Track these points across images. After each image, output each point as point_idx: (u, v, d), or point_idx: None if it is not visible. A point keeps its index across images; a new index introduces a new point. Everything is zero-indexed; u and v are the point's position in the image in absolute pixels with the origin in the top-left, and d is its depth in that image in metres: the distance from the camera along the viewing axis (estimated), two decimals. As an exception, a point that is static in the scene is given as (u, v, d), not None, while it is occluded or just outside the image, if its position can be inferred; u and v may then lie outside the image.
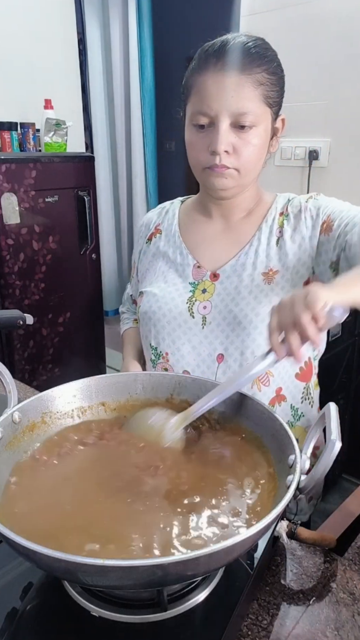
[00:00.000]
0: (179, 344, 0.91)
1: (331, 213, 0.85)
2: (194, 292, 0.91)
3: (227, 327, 0.87)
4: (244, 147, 0.80)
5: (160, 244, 0.99)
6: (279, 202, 0.92)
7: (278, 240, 0.88)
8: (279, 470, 0.57)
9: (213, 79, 0.78)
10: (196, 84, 0.80)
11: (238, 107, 0.77)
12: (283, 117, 0.88)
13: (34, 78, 2.34)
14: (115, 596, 0.52)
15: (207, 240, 0.94)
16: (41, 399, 0.67)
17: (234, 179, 0.83)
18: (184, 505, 0.53)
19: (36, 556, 0.41)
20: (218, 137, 0.78)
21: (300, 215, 0.87)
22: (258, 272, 0.87)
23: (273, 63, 0.81)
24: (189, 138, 0.84)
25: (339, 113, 1.86)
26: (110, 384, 0.73)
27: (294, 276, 0.86)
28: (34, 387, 1.12)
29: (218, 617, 0.51)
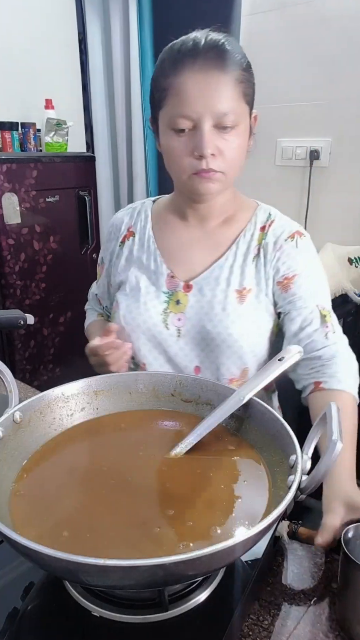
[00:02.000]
0: (155, 354, 0.90)
1: (297, 276, 0.85)
2: (169, 303, 0.89)
3: (202, 342, 0.87)
4: (228, 149, 0.77)
5: (134, 248, 0.95)
6: (259, 215, 0.90)
7: (254, 258, 0.87)
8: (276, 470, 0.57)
9: (193, 79, 0.74)
10: (172, 85, 0.76)
11: (221, 108, 0.74)
12: (255, 114, 0.86)
13: (34, 78, 2.34)
14: (116, 596, 0.51)
15: (183, 246, 0.91)
16: (42, 398, 0.67)
17: (221, 182, 0.81)
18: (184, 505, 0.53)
19: (37, 556, 0.41)
20: (203, 139, 0.75)
21: (274, 250, 0.86)
22: (232, 289, 0.86)
23: (245, 58, 0.79)
24: (169, 144, 0.80)
25: (340, 113, 1.86)
26: (111, 384, 0.73)
27: (267, 299, 0.87)
28: (35, 387, 1.12)
29: (219, 617, 0.51)
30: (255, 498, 0.54)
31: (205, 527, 0.50)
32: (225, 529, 0.50)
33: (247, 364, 0.87)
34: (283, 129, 2.02)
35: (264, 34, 1.97)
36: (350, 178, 1.87)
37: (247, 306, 0.85)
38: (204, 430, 0.63)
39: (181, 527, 0.50)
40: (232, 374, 0.87)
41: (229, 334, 0.84)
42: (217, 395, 0.69)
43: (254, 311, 0.86)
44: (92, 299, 1.14)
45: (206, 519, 0.51)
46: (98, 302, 1.11)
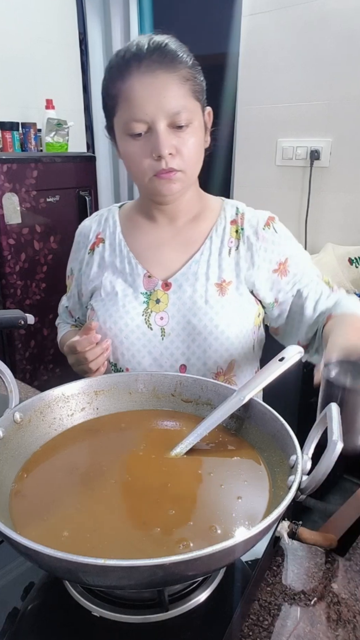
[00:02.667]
0: (139, 357, 0.89)
1: (289, 257, 0.88)
2: (148, 303, 0.88)
3: (188, 338, 0.87)
4: (185, 147, 0.78)
5: (105, 254, 0.94)
6: (227, 210, 0.91)
7: (230, 251, 0.88)
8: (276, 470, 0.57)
9: (140, 82, 0.75)
10: (121, 91, 0.77)
11: (172, 107, 0.75)
12: (209, 111, 0.86)
13: (35, 78, 2.35)
14: (116, 596, 0.52)
15: (155, 246, 0.91)
16: (42, 398, 0.67)
17: (181, 181, 0.81)
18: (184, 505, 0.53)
19: (37, 556, 0.41)
20: (160, 140, 0.75)
21: (256, 242, 0.88)
22: (211, 283, 0.87)
23: (191, 57, 0.79)
24: (126, 149, 0.80)
25: (340, 113, 1.86)
26: (111, 384, 0.73)
27: (247, 290, 0.89)
28: (35, 387, 1.12)
29: (219, 618, 0.51)
30: (255, 498, 0.54)
31: (205, 527, 0.50)
32: (225, 529, 0.50)
33: (234, 355, 0.87)
34: (283, 129, 2.03)
35: (264, 34, 1.97)
36: (351, 178, 1.87)
37: (228, 297, 0.87)
38: (204, 430, 0.63)
39: (181, 527, 0.50)
40: (219, 368, 0.87)
41: (215, 325, 0.85)
42: (217, 395, 0.69)
43: (235, 302, 0.87)
44: (63, 312, 1.11)
45: (206, 519, 0.51)
46: (69, 315, 1.09)
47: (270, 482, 0.56)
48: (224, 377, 0.89)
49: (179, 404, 0.72)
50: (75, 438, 0.67)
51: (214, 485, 0.56)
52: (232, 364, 0.88)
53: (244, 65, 2.07)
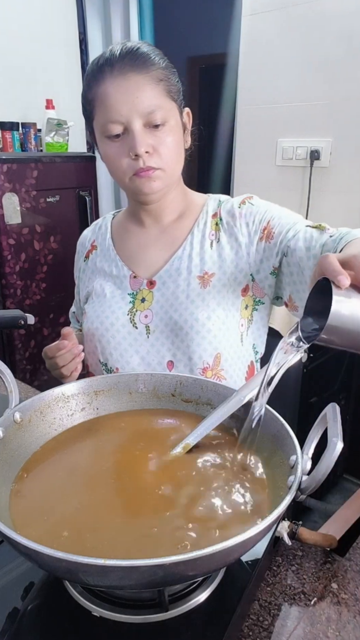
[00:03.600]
0: (127, 356, 0.90)
1: (270, 219, 0.85)
2: (134, 303, 0.90)
3: (171, 334, 0.87)
4: (162, 145, 0.79)
5: (96, 260, 0.98)
6: (210, 204, 0.92)
7: (212, 243, 0.88)
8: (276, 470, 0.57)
9: (113, 85, 0.77)
10: (97, 95, 0.79)
11: (146, 106, 0.77)
12: (188, 111, 0.87)
13: (35, 78, 2.35)
14: (116, 596, 0.52)
15: (141, 248, 0.93)
16: (42, 398, 0.67)
17: (161, 179, 0.82)
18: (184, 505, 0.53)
19: (37, 556, 0.41)
20: (135, 139, 0.77)
21: (234, 222, 0.87)
22: (193, 276, 0.87)
23: (164, 60, 0.81)
24: (106, 151, 0.82)
25: (340, 113, 1.86)
26: (111, 384, 0.73)
27: (232, 282, 0.87)
28: (35, 387, 1.12)
29: (219, 618, 0.51)
30: (255, 498, 0.54)
31: (205, 528, 0.50)
32: (225, 529, 0.50)
33: (218, 349, 0.87)
34: (283, 129, 2.03)
35: (264, 34, 1.97)
36: (351, 178, 1.87)
37: (210, 289, 0.86)
38: (204, 430, 0.63)
39: (181, 527, 0.50)
40: (205, 363, 0.87)
41: (196, 319, 0.85)
42: (217, 396, 0.70)
43: (218, 294, 0.86)
44: (71, 317, 1.17)
45: (206, 519, 0.51)
46: (76, 321, 1.14)
47: (271, 482, 0.56)
48: (212, 371, 0.88)
49: (179, 404, 0.72)
50: (75, 438, 0.67)
51: (214, 485, 0.56)
52: (219, 358, 0.88)
53: (244, 65, 2.07)
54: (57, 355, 0.86)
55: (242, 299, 0.89)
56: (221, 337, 0.86)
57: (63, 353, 0.86)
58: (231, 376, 0.89)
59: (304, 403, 1.72)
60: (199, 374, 0.86)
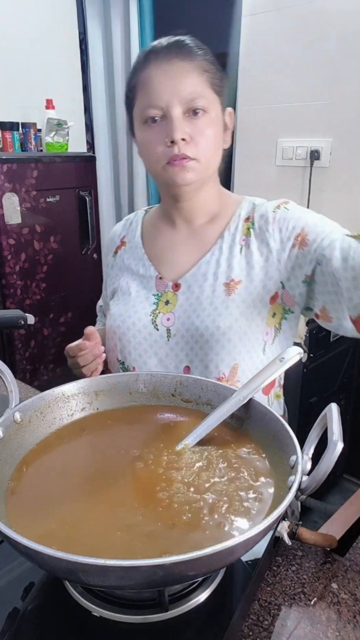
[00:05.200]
0: (145, 357, 0.89)
1: (305, 225, 0.81)
2: (158, 304, 0.89)
3: (191, 339, 0.86)
4: (200, 135, 0.78)
5: (124, 256, 0.97)
6: (244, 207, 0.89)
7: (242, 249, 0.86)
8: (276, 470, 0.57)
9: (157, 69, 0.77)
10: (139, 80, 0.79)
11: (188, 93, 0.76)
12: (231, 111, 0.86)
13: (35, 78, 2.35)
14: (116, 596, 0.52)
15: (169, 248, 0.92)
16: (42, 398, 0.67)
17: (196, 171, 0.80)
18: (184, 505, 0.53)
19: (37, 556, 0.41)
20: (173, 125, 0.76)
21: (267, 227, 0.84)
22: (219, 283, 0.85)
23: (211, 55, 0.81)
24: (142, 136, 0.81)
25: (340, 113, 1.85)
26: (111, 384, 0.73)
27: (260, 289, 0.84)
28: (35, 387, 1.12)
29: (219, 618, 0.51)
30: (255, 498, 0.54)
31: (205, 527, 0.50)
32: (225, 529, 0.50)
33: (236, 359, 0.85)
34: (283, 129, 2.03)
35: (264, 34, 1.97)
36: (351, 178, 1.87)
37: (235, 297, 0.84)
38: (204, 430, 0.63)
39: (181, 526, 0.50)
40: (221, 373, 0.86)
41: (217, 327, 0.83)
42: (218, 396, 0.69)
43: (242, 303, 0.84)
44: (99, 311, 1.16)
45: (206, 518, 0.51)
46: (103, 315, 1.13)
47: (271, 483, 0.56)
48: (227, 382, 0.86)
49: (179, 404, 0.72)
50: (74, 435, 0.67)
51: (214, 485, 0.56)
52: (235, 369, 0.86)
53: (244, 65, 2.07)
54: (78, 355, 0.84)
55: (270, 306, 0.85)
56: (241, 347, 0.84)
57: (84, 353, 0.84)
58: None
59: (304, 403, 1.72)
60: None
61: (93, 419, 0.70)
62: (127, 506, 0.53)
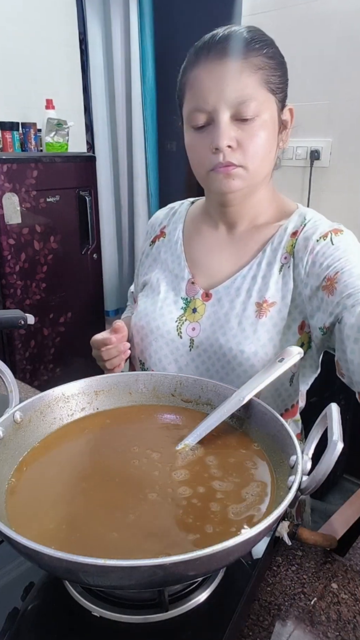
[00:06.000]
0: (165, 362, 0.87)
1: (340, 271, 0.71)
2: (185, 310, 0.86)
3: (213, 355, 0.82)
4: (249, 140, 0.72)
5: (162, 249, 0.93)
6: (293, 219, 0.81)
7: (282, 268, 0.79)
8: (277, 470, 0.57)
9: (206, 69, 0.71)
10: (189, 80, 0.74)
11: (237, 96, 0.70)
12: (291, 107, 0.79)
13: (35, 78, 2.35)
14: (116, 596, 0.51)
15: (207, 251, 0.88)
16: (42, 398, 0.67)
17: (242, 179, 0.75)
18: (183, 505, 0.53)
19: (37, 556, 0.41)
20: (219, 131, 0.71)
21: (305, 253, 0.76)
22: (252, 301, 0.80)
23: (271, 47, 0.74)
24: (189, 141, 0.77)
25: (340, 113, 1.86)
26: (111, 384, 0.73)
27: (293, 311, 0.78)
28: (35, 387, 1.12)
29: (219, 618, 0.51)
30: (255, 498, 0.54)
31: (204, 527, 0.50)
32: (225, 529, 0.50)
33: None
34: (283, 129, 2.03)
35: (264, 34, 1.97)
36: (351, 178, 1.87)
37: (265, 321, 0.78)
38: (204, 431, 0.63)
39: (181, 526, 0.50)
40: None
41: (241, 351, 0.78)
42: (217, 396, 0.69)
43: (273, 327, 0.78)
44: (130, 296, 1.11)
45: (206, 518, 0.51)
46: (134, 300, 1.08)
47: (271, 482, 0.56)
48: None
49: (179, 404, 0.72)
50: (73, 434, 0.67)
51: (214, 485, 0.56)
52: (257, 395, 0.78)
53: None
54: (102, 349, 0.81)
55: (299, 337, 0.79)
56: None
57: (109, 348, 0.81)
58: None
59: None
60: None
61: (93, 419, 0.70)
62: (127, 506, 0.53)
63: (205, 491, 0.55)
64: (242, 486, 0.56)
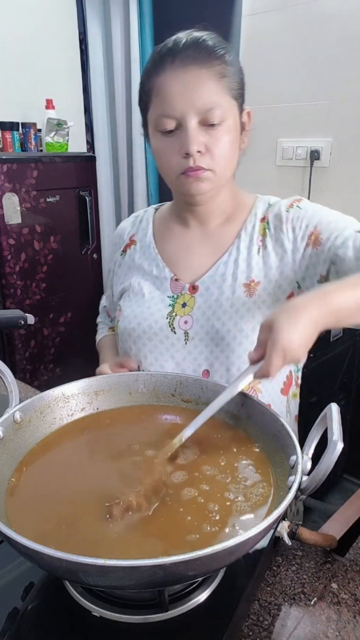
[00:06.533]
0: (162, 360, 0.87)
1: (318, 224, 0.80)
2: (174, 307, 0.87)
3: (211, 343, 0.84)
4: (216, 145, 0.76)
5: (135, 256, 0.94)
6: (259, 206, 0.88)
7: (259, 250, 0.84)
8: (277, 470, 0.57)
9: (172, 77, 0.73)
10: (154, 86, 0.76)
11: (204, 103, 0.73)
12: (249, 110, 0.84)
13: (35, 78, 2.34)
14: (116, 596, 0.52)
15: (184, 250, 0.90)
16: (42, 398, 0.67)
17: (211, 181, 0.79)
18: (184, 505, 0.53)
19: (37, 556, 0.41)
20: (188, 137, 0.74)
21: (281, 227, 0.83)
22: (239, 283, 0.83)
23: (230, 53, 0.77)
24: (157, 145, 0.79)
25: (340, 113, 1.86)
26: (111, 384, 0.73)
27: (277, 290, 0.83)
28: (35, 387, 1.12)
29: (219, 618, 0.51)
30: (255, 498, 0.54)
31: (204, 527, 0.50)
32: (225, 529, 0.50)
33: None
34: (283, 129, 2.03)
35: (264, 34, 1.96)
36: (351, 178, 1.87)
37: (255, 299, 0.82)
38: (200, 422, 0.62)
39: (181, 526, 0.50)
40: None
41: (240, 330, 0.81)
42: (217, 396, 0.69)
43: (263, 304, 0.82)
44: (102, 312, 1.13)
45: (206, 518, 0.51)
46: (107, 315, 1.11)
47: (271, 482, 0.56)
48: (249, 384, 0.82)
49: (179, 404, 0.72)
50: (73, 434, 0.67)
51: (214, 485, 0.56)
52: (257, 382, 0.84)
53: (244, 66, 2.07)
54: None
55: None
56: None
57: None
58: (267, 390, 0.85)
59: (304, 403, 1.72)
60: None
61: (93, 419, 0.70)
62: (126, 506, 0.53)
63: (205, 491, 0.55)
64: (242, 486, 0.56)
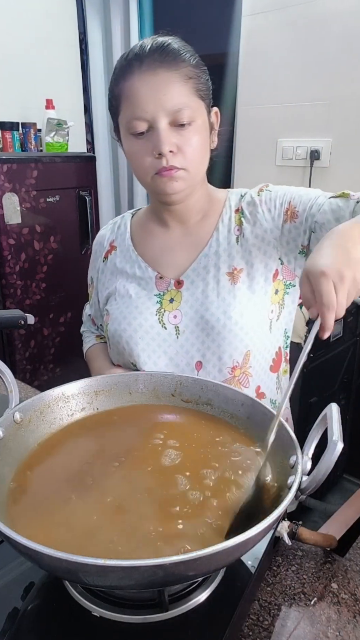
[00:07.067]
0: (154, 357, 0.89)
1: (291, 200, 0.84)
2: (162, 303, 0.89)
3: (202, 333, 0.86)
4: (188, 144, 0.78)
5: (116, 260, 0.96)
6: (232, 199, 0.91)
7: (238, 239, 0.87)
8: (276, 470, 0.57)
9: (141, 80, 0.76)
10: (124, 91, 0.78)
11: (173, 104, 0.76)
12: (216, 111, 0.86)
13: (35, 78, 2.34)
14: (116, 596, 0.52)
15: (165, 249, 0.92)
16: (42, 398, 0.67)
17: (184, 180, 0.81)
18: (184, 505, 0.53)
19: (37, 556, 0.41)
20: (160, 138, 0.76)
21: (256, 210, 0.86)
22: (222, 273, 0.86)
23: (195, 57, 0.80)
24: (129, 148, 0.81)
25: (340, 113, 1.86)
26: (111, 384, 0.73)
27: (262, 270, 0.86)
28: (35, 387, 1.12)
29: (219, 618, 0.51)
30: (255, 498, 0.54)
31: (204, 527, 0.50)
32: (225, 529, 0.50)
33: (249, 346, 0.86)
34: (283, 129, 2.03)
35: (264, 34, 1.96)
36: (351, 178, 1.87)
37: (240, 285, 0.85)
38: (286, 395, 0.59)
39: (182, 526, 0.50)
40: (235, 362, 0.86)
41: (229, 317, 0.84)
42: (218, 396, 0.70)
43: (248, 289, 0.85)
44: (87, 320, 1.14)
45: (207, 518, 0.51)
46: (92, 323, 1.12)
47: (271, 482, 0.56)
48: (240, 370, 0.87)
49: (179, 404, 0.72)
50: (74, 435, 0.67)
51: (214, 485, 0.56)
52: (248, 356, 0.87)
53: (244, 65, 2.07)
54: None
55: (272, 284, 0.88)
56: (252, 333, 0.86)
57: None
58: (257, 372, 0.88)
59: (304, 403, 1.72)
60: (227, 373, 0.85)
61: (93, 419, 0.70)
62: (127, 506, 0.53)
63: (206, 491, 0.55)
64: (242, 486, 0.56)
